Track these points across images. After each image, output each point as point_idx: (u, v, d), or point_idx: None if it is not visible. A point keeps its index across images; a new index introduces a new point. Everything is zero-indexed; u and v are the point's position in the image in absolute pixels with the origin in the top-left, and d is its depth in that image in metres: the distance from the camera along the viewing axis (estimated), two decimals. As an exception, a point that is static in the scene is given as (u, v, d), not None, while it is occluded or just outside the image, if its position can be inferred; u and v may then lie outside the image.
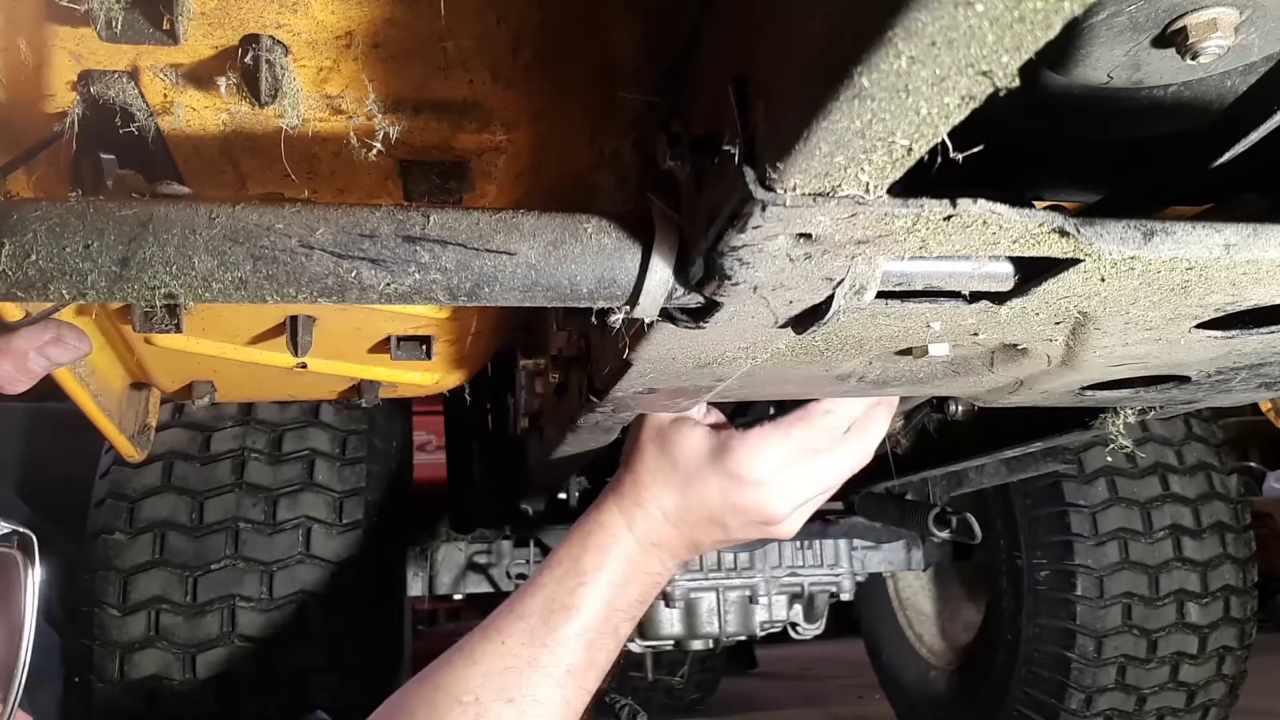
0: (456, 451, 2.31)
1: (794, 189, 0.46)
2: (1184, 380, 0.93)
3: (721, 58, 0.54)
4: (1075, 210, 0.58)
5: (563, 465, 1.53)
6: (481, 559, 2.21)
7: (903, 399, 1.30)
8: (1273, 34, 0.57)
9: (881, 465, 1.64)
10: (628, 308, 0.62)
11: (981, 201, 0.50)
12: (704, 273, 0.59)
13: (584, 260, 0.59)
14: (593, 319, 0.67)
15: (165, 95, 0.66)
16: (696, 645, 2.23)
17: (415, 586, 2.17)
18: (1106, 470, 1.95)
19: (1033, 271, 0.62)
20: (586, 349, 1.01)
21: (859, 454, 1.00)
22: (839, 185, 0.46)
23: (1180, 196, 0.70)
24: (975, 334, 0.75)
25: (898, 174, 0.45)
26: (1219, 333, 0.74)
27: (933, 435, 1.50)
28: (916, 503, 1.88)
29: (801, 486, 0.98)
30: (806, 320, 0.65)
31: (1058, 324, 0.73)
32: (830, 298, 0.61)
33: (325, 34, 0.62)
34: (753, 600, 2.19)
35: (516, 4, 0.61)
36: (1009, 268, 0.63)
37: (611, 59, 0.66)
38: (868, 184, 0.46)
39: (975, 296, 0.67)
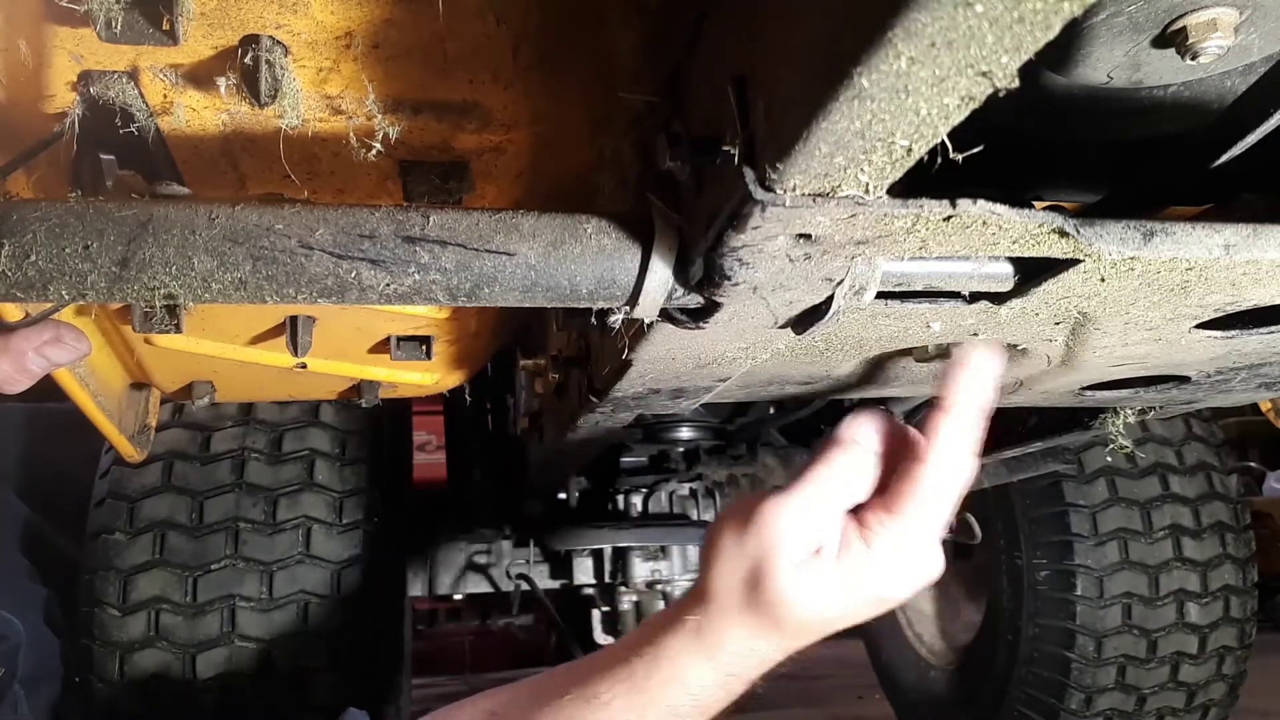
0: (456, 451, 2.31)
1: (794, 189, 0.46)
2: (1184, 380, 0.93)
3: (721, 58, 0.54)
4: (1075, 210, 0.58)
5: (563, 465, 1.53)
6: (481, 559, 2.21)
7: (902, 400, 1.30)
8: (1273, 34, 0.57)
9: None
10: (628, 308, 0.62)
11: (981, 202, 0.50)
12: (704, 273, 0.59)
13: (584, 260, 0.59)
14: (593, 319, 0.67)
15: (165, 96, 0.66)
16: (696, 645, 2.23)
17: (415, 586, 2.17)
18: (1106, 470, 1.95)
19: (1033, 272, 0.62)
20: (586, 349, 1.01)
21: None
22: (839, 186, 0.46)
23: (1180, 197, 0.70)
24: (975, 334, 0.75)
25: (897, 174, 0.45)
26: (1219, 333, 0.74)
27: (933, 435, 1.50)
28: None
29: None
30: (806, 320, 0.65)
31: (1058, 324, 0.73)
32: (830, 298, 0.61)
33: (325, 34, 0.62)
34: (753, 600, 2.19)
35: (516, 4, 0.61)
36: (1009, 268, 0.63)
37: (611, 59, 0.66)
38: (867, 184, 0.46)
39: (975, 297, 0.67)
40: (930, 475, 0.73)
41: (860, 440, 0.76)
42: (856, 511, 0.76)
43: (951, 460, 0.73)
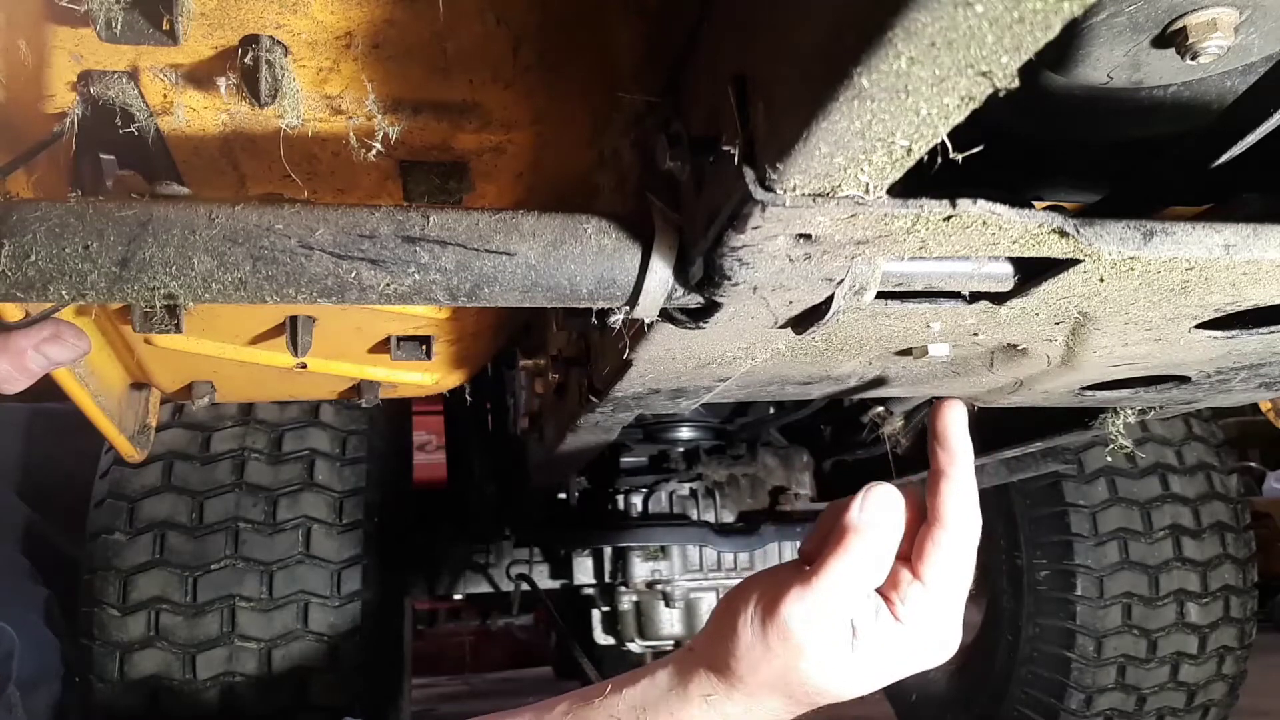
0: (456, 451, 2.31)
1: (794, 189, 0.46)
2: (1184, 380, 0.93)
3: (721, 58, 0.54)
4: (1075, 210, 0.58)
5: (563, 465, 1.53)
6: (481, 559, 2.21)
7: (902, 400, 1.30)
8: (1273, 34, 0.57)
9: (882, 466, 1.64)
10: (628, 308, 0.62)
11: (981, 202, 0.50)
12: (704, 273, 0.59)
13: (584, 260, 0.59)
14: (593, 319, 0.67)
15: (165, 96, 0.66)
16: (697, 645, 2.22)
17: (415, 586, 2.17)
18: (1106, 470, 1.95)
19: (1032, 272, 0.62)
20: (586, 349, 1.01)
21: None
22: (839, 186, 0.46)
23: (1180, 197, 0.70)
24: (975, 334, 0.75)
25: (897, 174, 0.45)
26: (1219, 333, 0.74)
27: (933, 435, 1.50)
28: (916, 503, 1.87)
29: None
30: (806, 320, 0.65)
31: (1057, 324, 0.73)
32: (830, 298, 0.61)
33: (325, 34, 0.62)
34: (753, 600, 2.18)
35: (516, 4, 0.61)
36: (1009, 268, 0.63)
37: (611, 59, 0.66)
38: (867, 184, 0.46)
39: (975, 297, 0.67)
40: (949, 539, 0.75)
41: (870, 522, 0.76)
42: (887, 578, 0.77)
43: (965, 520, 0.76)
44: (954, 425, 0.78)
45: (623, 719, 0.81)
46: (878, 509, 0.76)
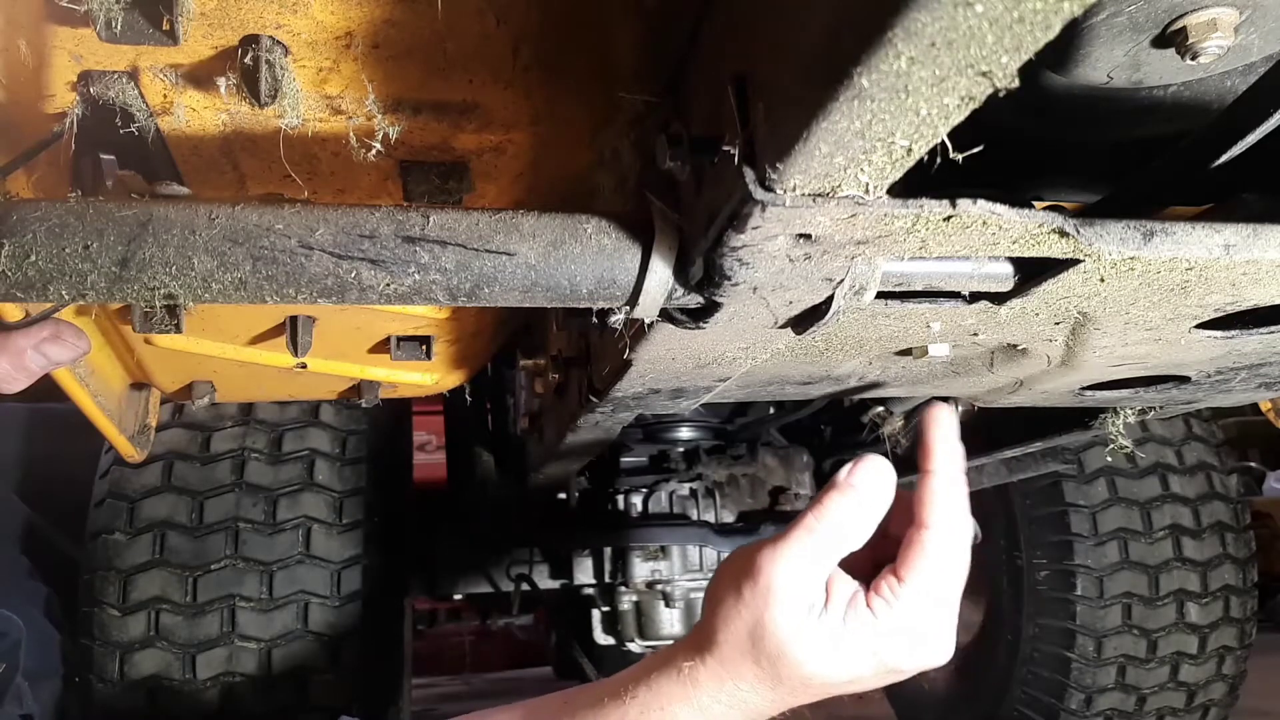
0: (456, 451, 2.31)
1: (794, 189, 0.46)
2: (1184, 380, 0.93)
3: (721, 58, 0.54)
4: (1075, 210, 0.58)
5: (563, 464, 1.53)
6: (481, 559, 2.21)
7: (902, 400, 1.30)
8: (1273, 34, 0.58)
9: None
10: (628, 308, 0.62)
11: (981, 202, 0.50)
12: (704, 273, 0.59)
13: (584, 260, 0.59)
14: (593, 319, 0.67)
15: (165, 95, 0.66)
16: (697, 645, 2.22)
17: (415, 586, 2.17)
18: (1106, 470, 1.95)
19: (1032, 272, 0.62)
20: (586, 349, 1.01)
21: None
22: (839, 186, 0.46)
23: (1180, 197, 0.70)
24: (975, 334, 0.75)
25: (897, 174, 0.45)
26: (1219, 333, 0.74)
27: (933, 435, 1.50)
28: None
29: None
30: (806, 320, 0.65)
31: (1058, 324, 0.73)
32: (830, 298, 0.61)
33: (325, 34, 0.62)
34: (753, 600, 2.18)
35: (516, 4, 0.61)
36: (1009, 268, 0.63)
37: (611, 59, 0.66)
38: (867, 184, 0.46)
39: (975, 297, 0.67)
40: (934, 539, 0.75)
41: (856, 485, 0.77)
42: (872, 577, 0.76)
43: (951, 521, 0.75)
44: (941, 428, 0.78)
45: (605, 699, 0.81)
46: (864, 473, 0.77)
